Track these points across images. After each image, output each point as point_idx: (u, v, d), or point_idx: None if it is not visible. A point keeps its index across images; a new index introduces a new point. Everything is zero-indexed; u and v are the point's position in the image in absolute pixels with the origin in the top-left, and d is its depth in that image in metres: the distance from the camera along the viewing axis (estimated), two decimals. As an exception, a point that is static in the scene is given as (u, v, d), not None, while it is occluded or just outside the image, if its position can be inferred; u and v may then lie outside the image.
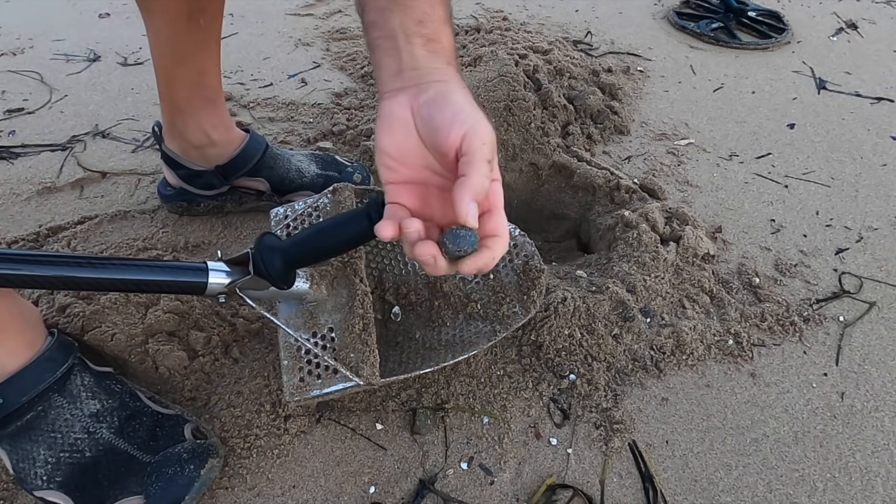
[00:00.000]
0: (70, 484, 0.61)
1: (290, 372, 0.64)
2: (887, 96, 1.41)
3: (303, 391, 0.63)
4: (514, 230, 0.79)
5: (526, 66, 1.20)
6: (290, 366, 0.65)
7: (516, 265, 0.77)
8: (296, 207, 0.74)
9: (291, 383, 0.63)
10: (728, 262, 0.96)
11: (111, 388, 0.67)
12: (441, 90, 0.48)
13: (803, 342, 0.85)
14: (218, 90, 0.88)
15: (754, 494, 0.68)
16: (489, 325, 0.74)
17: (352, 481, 0.68)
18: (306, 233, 0.61)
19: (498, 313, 0.74)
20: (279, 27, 1.61)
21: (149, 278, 0.54)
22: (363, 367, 0.62)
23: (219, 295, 0.59)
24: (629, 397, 0.77)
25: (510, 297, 0.75)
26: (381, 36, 0.50)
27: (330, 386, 0.62)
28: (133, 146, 1.15)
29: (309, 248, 0.59)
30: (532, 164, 1.13)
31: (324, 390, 0.62)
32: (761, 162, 1.19)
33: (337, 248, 0.61)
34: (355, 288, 0.67)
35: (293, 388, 0.63)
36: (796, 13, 1.79)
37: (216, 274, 0.58)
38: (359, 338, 0.64)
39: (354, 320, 0.65)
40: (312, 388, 0.63)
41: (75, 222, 0.95)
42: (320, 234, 0.59)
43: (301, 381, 0.63)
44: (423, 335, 0.76)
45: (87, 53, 1.45)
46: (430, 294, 0.78)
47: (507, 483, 0.68)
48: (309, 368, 0.64)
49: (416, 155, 0.50)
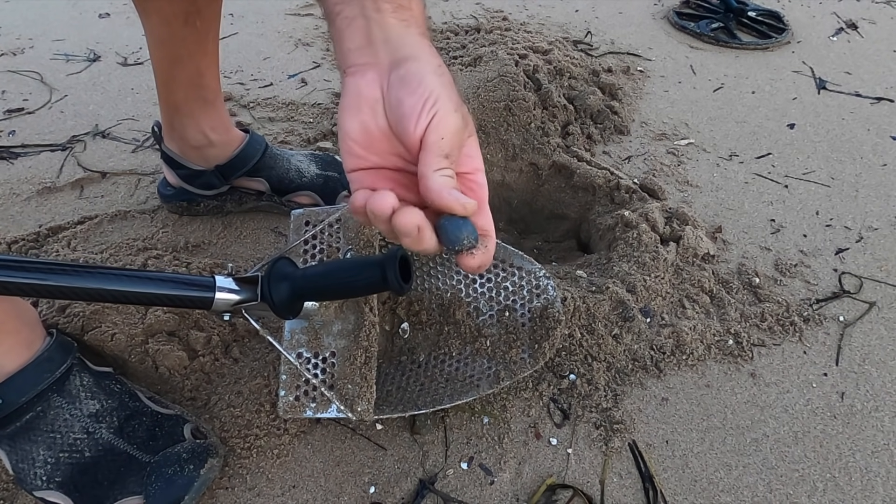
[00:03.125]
0: (70, 484, 0.61)
1: (287, 388, 0.65)
2: (887, 96, 1.41)
3: (296, 410, 0.64)
4: (539, 270, 0.75)
5: (526, 66, 1.20)
6: (287, 381, 0.65)
7: (534, 307, 0.74)
8: (318, 214, 0.73)
9: (286, 400, 0.64)
10: (728, 262, 0.96)
11: (110, 388, 0.67)
12: (413, 70, 0.42)
13: (803, 342, 0.85)
14: (216, 91, 0.87)
15: (754, 494, 0.68)
16: (495, 366, 0.71)
17: (352, 481, 0.68)
18: (319, 269, 0.60)
19: (506, 356, 0.71)
20: (279, 27, 1.61)
21: (153, 291, 0.53)
22: (359, 402, 0.62)
23: (223, 313, 0.59)
24: (629, 397, 0.77)
25: (521, 342, 0.72)
26: (342, 1, 0.43)
27: (322, 412, 0.63)
28: (133, 146, 1.15)
29: (320, 286, 0.58)
30: (532, 164, 1.13)
31: (316, 414, 0.63)
32: (761, 162, 1.19)
33: (346, 292, 0.59)
34: (363, 317, 0.66)
35: (287, 406, 0.64)
36: (796, 13, 1.79)
37: (224, 291, 0.57)
38: (359, 371, 0.64)
39: (358, 352, 0.65)
40: (306, 410, 0.64)
41: (75, 222, 0.95)
42: (333, 273, 0.58)
43: (296, 400, 0.64)
44: (426, 360, 0.74)
45: (87, 53, 1.45)
46: (442, 318, 0.76)
47: (507, 483, 0.68)
48: (305, 389, 0.64)
49: (386, 140, 0.44)
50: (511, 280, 0.76)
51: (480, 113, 1.12)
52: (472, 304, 0.76)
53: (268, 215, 1.00)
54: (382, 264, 0.53)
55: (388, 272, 0.52)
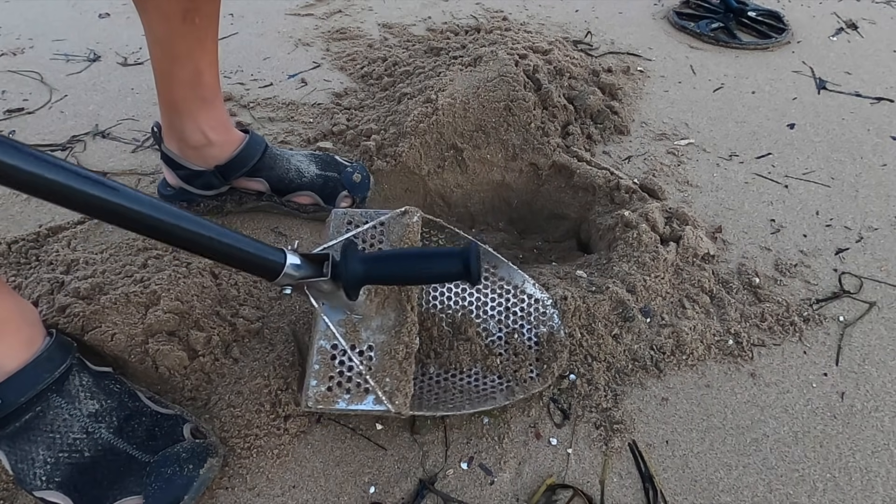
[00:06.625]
0: (69, 484, 0.61)
1: (319, 378, 0.62)
2: (887, 96, 1.41)
3: (327, 401, 0.61)
4: (548, 300, 0.79)
5: (526, 66, 1.20)
6: (320, 371, 0.63)
7: (540, 332, 0.77)
8: (358, 216, 0.74)
9: (318, 390, 0.61)
10: (728, 262, 0.96)
11: (110, 388, 0.67)
12: None
13: (803, 342, 0.85)
14: (215, 90, 0.87)
15: (754, 494, 0.68)
16: (506, 382, 0.73)
17: (352, 481, 0.68)
18: (392, 253, 0.60)
19: (516, 374, 0.74)
20: (279, 27, 1.61)
21: (230, 244, 0.52)
22: (397, 395, 0.62)
23: (286, 286, 0.58)
24: (629, 397, 0.77)
25: (529, 363, 0.75)
26: None
27: (357, 404, 0.61)
28: (133, 146, 1.15)
29: (393, 269, 0.59)
30: (532, 164, 1.13)
31: (350, 406, 0.61)
32: (761, 162, 1.19)
33: (418, 278, 0.60)
34: (406, 315, 0.67)
35: (319, 396, 0.61)
36: (796, 13, 1.79)
37: (292, 265, 0.56)
38: (399, 365, 0.64)
39: (398, 346, 0.64)
40: (338, 401, 0.61)
41: (75, 222, 0.95)
42: (407, 259, 0.59)
43: (328, 391, 0.61)
44: (436, 373, 0.75)
45: (87, 53, 1.45)
46: (453, 334, 0.77)
47: (507, 483, 0.68)
48: (339, 381, 0.62)
49: None
50: (520, 306, 0.79)
51: (480, 113, 1.12)
52: (481, 324, 0.78)
53: (268, 215, 1.00)
54: (464, 255, 0.56)
55: (471, 263, 0.56)
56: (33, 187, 0.42)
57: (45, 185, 0.43)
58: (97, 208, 0.45)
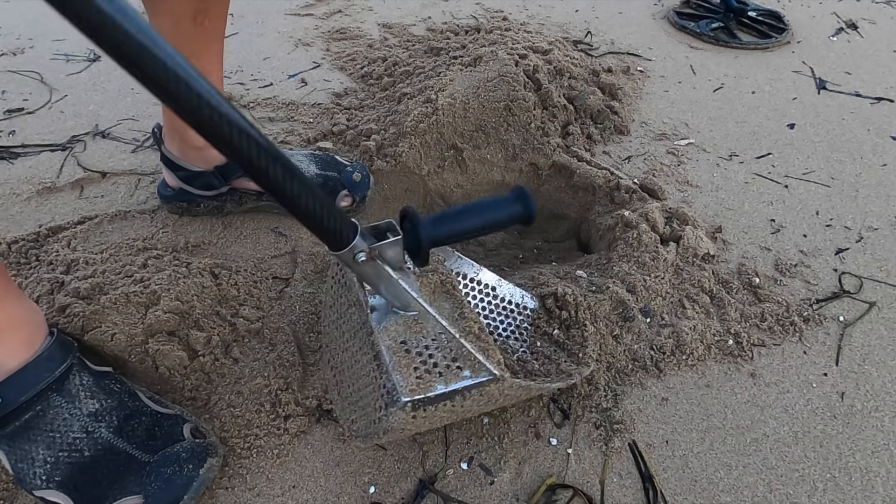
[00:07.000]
0: (69, 483, 0.61)
1: (402, 370, 0.60)
2: (887, 96, 1.41)
3: (424, 388, 0.59)
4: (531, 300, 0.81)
5: (526, 66, 1.20)
6: (400, 363, 0.60)
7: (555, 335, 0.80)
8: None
9: (408, 381, 0.59)
10: (728, 262, 0.96)
11: (110, 387, 0.67)
12: None
13: (803, 342, 0.85)
14: (219, 91, 0.88)
15: (754, 494, 0.68)
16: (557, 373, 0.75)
17: (352, 481, 0.68)
18: (452, 211, 0.61)
19: (559, 368, 0.75)
20: (279, 27, 1.61)
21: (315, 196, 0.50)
22: (492, 361, 0.60)
23: (357, 255, 0.56)
24: (629, 397, 0.77)
25: (562, 359, 0.77)
26: None
27: (455, 383, 0.59)
28: (133, 146, 1.15)
29: (457, 226, 0.60)
30: (532, 164, 1.13)
31: (449, 386, 0.59)
32: (761, 162, 1.19)
33: (483, 227, 0.62)
34: (460, 299, 0.67)
35: (412, 386, 0.59)
36: (796, 13, 1.79)
37: (362, 234, 0.55)
38: (477, 338, 0.63)
39: (469, 324, 0.64)
40: (435, 385, 0.59)
41: (75, 222, 0.95)
42: (469, 213, 0.61)
43: (419, 379, 0.59)
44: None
45: (87, 53, 1.45)
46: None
47: (507, 483, 0.68)
48: (426, 367, 0.60)
49: None
50: (525, 325, 0.81)
51: (480, 113, 1.12)
52: (502, 344, 0.79)
53: (268, 215, 1.00)
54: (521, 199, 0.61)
55: (530, 205, 0.60)
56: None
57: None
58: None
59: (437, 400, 0.58)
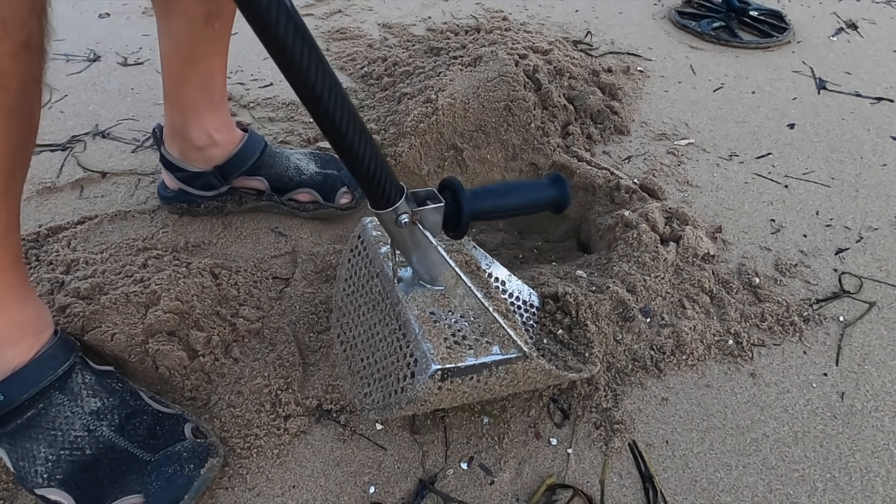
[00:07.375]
0: (70, 482, 0.61)
1: (432, 339, 0.59)
2: (887, 96, 1.41)
3: (455, 358, 0.58)
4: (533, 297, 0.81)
5: (526, 66, 1.20)
6: (430, 331, 0.59)
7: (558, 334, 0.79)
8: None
9: (438, 350, 0.58)
10: (728, 262, 0.96)
11: (112, 386, 0.67)
12: None
13: (803, 342, 0.85)
14: (223, 93, 0.88)
15: (754, 494, 0.68)
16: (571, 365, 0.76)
17: (352, 481, 0.68)
18: (493, 188, 0.62)
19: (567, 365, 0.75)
20: (279, 27, 1.61)
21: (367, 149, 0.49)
22: (519, 339, 0.60)
23: (401, 216, 0.55)
24: (629, 397, 0.77)
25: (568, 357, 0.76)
26: None
27: (485, 356, 0.59)
28: (133, 146, 1.15)
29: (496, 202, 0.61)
30: (532, 164, 1.13)
31: (479, 359, 0.59)
32: (761, 162, 1.19)
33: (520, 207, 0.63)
34: (485, 280, 0.68)
35: (444, 354, 0.58)
36: (796, 13, 1.79)
37: (407, 198, 0.54)
38: (505, 316, 0.63)
39: (498, 303, 0.65)
40: (466, 356, 0.58)
41: (75, 222, 0.95)
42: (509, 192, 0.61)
43: (449, 349, 0.58)
44: None
45: (87, 53, 1.45)
46: None
47: (507, 483, 0.68)
48: (455, 339, 0.60)
49: None
50: (531, 322, 0.80)
51: (480, 113, 1.12)
52: None
53: (268, 215, 1.00)
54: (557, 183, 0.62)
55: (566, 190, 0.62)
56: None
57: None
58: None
59: (466, 372, 0.58)
